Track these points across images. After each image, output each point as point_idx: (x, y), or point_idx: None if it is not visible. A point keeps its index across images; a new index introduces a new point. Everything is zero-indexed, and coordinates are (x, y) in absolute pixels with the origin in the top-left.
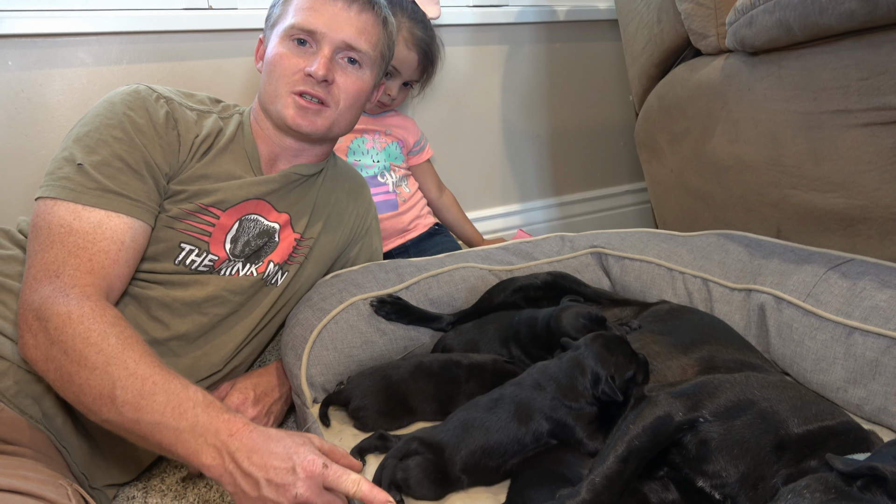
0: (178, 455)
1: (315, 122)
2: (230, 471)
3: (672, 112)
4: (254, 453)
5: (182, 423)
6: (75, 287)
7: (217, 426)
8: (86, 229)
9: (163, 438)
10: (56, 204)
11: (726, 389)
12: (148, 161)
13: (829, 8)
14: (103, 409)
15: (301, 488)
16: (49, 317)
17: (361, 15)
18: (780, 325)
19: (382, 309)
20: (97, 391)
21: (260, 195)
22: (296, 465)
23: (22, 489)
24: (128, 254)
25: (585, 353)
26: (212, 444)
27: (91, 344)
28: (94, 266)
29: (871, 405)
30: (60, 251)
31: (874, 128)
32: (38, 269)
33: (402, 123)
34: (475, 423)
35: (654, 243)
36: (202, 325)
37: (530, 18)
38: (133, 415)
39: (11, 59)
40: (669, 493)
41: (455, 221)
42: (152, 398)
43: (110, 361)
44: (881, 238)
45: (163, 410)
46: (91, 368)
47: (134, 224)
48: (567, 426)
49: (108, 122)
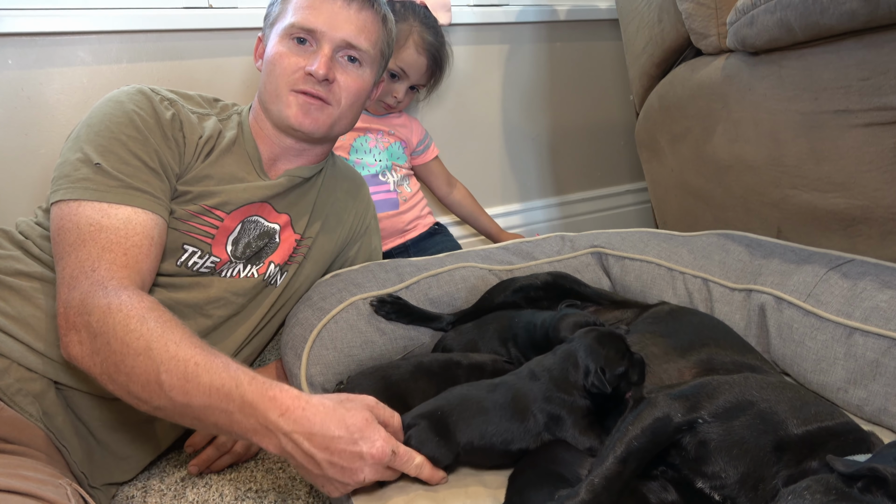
0: (238, 435)
1: (318, 120)
2: (289, 451)
3: (672, 112)
4: (313, 436)
5: (230, 405)
6: (112, 279)
7: (265, 407)
8: (116, 225)
9: (217, 420)
10: (80, 205)
11: (725, 390)
12: (162, 159)
13: (830, 8)
14: (154, 396)
15: (368, 473)
16: (91, 310)
17: (361, 13)
18: (781, 326)
19: (382, 308)
20: (144, 378)
21: (264, 198)
22: (363, 452)
23: (21, 489)
24: (157, 249)
25: (577, 345)
26: (263, 426)
27: (131, 330)
28: (128, 260)
29: (871, 406)
30: (94, 248)
31: (875, 128)
32: (74, 268)
33: (406, 123)
34: (472, 397)
35: (655, 243)
36: (205, 328)
37: (531, 18)
38: (182, 399)
39: (11, 57)
40: (669, 494)
41: (470, 216)
42: (196, 381)
43: (151, 345)
44: (882, 238)
45: (209, 392)
46: (134, 354)
47: (159, 221)
48: (560, 419)
49: (119, 121)
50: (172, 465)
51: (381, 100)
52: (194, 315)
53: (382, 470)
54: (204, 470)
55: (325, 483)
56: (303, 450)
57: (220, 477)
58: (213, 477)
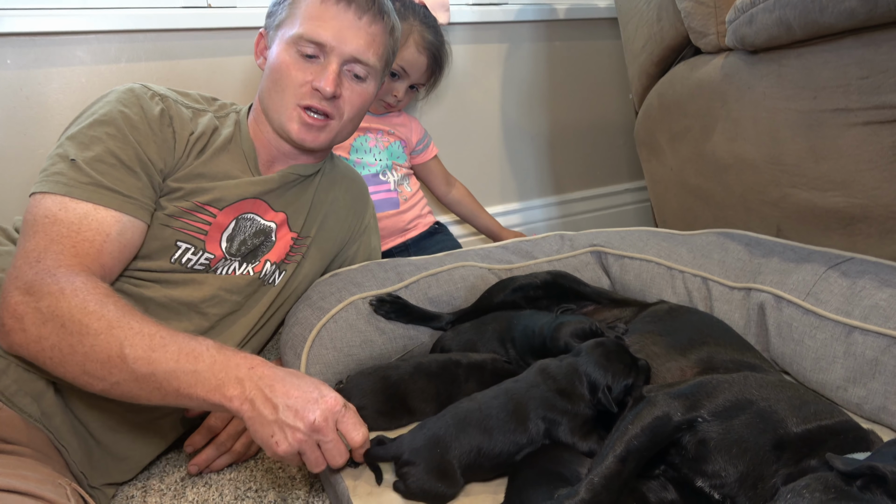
0: (195, 396)
1: (318, 138)
2: (251, 398)
3: (672, 110)
4: (277, 383)
5: (199, 365)
6: (60, 267)
7: (236, 361)
8: (70, 219)
9: (180, 384)
10: (45, 197)
11: (724, 389)
12: (141, 157)
13: (829, 6)
14: (113, 371)
15: (318, 416)
16: (41, 295)
17: (372, 26)
18: (780, 324)
19: (382, 308)
20: (105, 355)
21: (257, 194)
22: (318, 398)
23: (21, 489)
24: (113, 246)
25: (585, 360)
26: (233, 377)
27: (90, 312)
28: (77, 251)
29: (870, 404)
30: (42, 239)
31: (874, 126)
32: (19, 258)
33: (405, 123)
34: (472, 419)
35: (654, 242)
36: (201, 326)
37: (530, 17)
38: (146, 368)
39: (10, 57)
40: (668, 493)
41: (469, 214)
42: (164, 350)
43: (113, 325)
44: (881, 237)
45: (177, 358)
46: (95, 335)
47: (122, 218)
48: (562, 427)
49: (101, 120)
50: (172, 464)
51: (381, 99)
52: (190, 313)
53: (332, 425)
54: (203, 469)
55: (276, 431)
56: (264, 395)
57: (220, 476)
58: (212, 476)
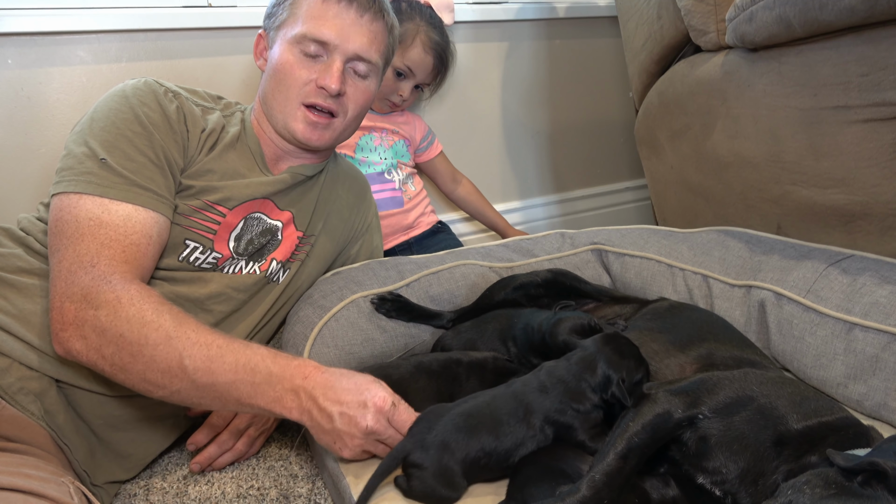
0: (257, 406)
1: (324, 136)
2: (308, 408)
3: (672, 109)
4: (328, 389)
5: (257, 377)
6: (115, 274)
7: (291, 373)
8: (116, 222)
9: (240, 394)
10: (81, 198)
11: (725, 386)
12: (167, 155)
13: (829, 4)
14: (174, 381)
15: (370, 420)
16: (98, 305)
17: (373, 24)
18: (781, 322)
19: (383, 307)
20: (165, 365)
21: (266, 194)
22: (367, 400)
23: (24, 487)
24: (155, 247)
25: (598, 355)
26: (289, 389)
27: (147, 323)
28: (127, 257)
29: (871, 401)
30: (93, 243)
31: (874, 123)
32: (72, 262)
33: (409, 121)
34: (483, 424)
35: (655, 240)
36: (207, 323)
37: (530, 15)
38: (207, 379)
39: (11, 57)
40: (670, 490)
41: (476, 211)
42: (221, 360)
43: (171, 335)
44: (881, 234)
45: (235, 369)
46: (154, 345)
47: (159, 219)
48: (572, 429)
49: (123, 117)
50: (174, 462)
51: (386, 98)
52: (195, 310)
53: (386, 423)
54: (206, 468)
55: (337, 439)
56: (319, 406)
57: (222, 475)
58: (215, 475)
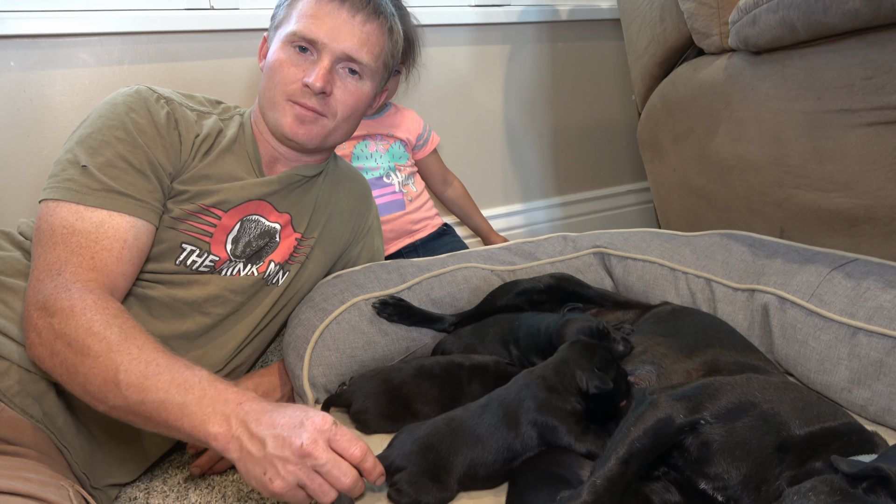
0: (182, 430)
1: (311, 132)
2: (237, 436)
3: (675, 112)
4: (263, 415)
5: (188, 397)
6: (77, 282)
7: (226, 396)
8: (88, 229)
9: (168, 415)
10: (59, 205)
11: (727, 391)
12: (151, 161)
13: (832, 7)
14: (108, 395)
15: (306, 438)
16: (54, 312)
17: (366, 25)
18: (784, 326)
19: (385, 310)
20: (101, 378)
21: (262, 196)
22: (304, 420)
23: (23, 491)
24: (131, 252)
25: (568, 352)
26: (220, 412)
27: (93, 333)
28: (96, 263)
29: (875, 406)
30: (63, 251)
31: (878, 127)
32: (41, 270)
33: (403, 122)
34: (463, 427)
35: (657, 243)
36: (204, 325)
37: (532, 18)
38: (137, 396)
39: (14, 59)
40: (671, 495)
41: (463, 214)
42: (156, 378)
43: (113, 349)
44: (885, 238)
45: (167, 388)
46: (94, 357)
47: (137, 223)
48: (555, 429)
49: (110, 124)
50: (175, 466)
51: None
52: (192, 313)
53: (324, 445)
54: (206, 471)
55: (268, 467)
56: (250, 432)
57: (223, 478)
58: (215, 478)
